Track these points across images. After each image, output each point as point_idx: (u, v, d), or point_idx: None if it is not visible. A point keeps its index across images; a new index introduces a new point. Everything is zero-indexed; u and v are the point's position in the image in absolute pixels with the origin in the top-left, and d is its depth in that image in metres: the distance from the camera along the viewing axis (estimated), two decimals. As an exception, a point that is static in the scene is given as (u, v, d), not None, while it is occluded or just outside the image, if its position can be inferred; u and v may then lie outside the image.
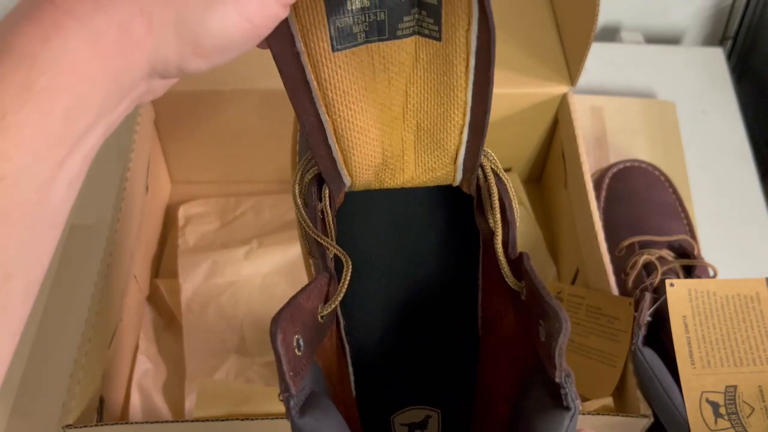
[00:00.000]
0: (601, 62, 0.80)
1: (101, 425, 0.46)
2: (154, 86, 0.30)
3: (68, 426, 0.45)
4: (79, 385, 0.47)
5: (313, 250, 0.36)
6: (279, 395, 0.28)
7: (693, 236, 0.63)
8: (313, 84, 0.31)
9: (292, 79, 0.31)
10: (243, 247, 0.64)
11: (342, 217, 0.38)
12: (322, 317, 0.33)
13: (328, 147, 0.33)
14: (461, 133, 0.34)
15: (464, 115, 0.33)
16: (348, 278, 0.33)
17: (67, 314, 0.59)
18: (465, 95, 0.33)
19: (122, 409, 0.56)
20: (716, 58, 0.83)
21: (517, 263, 0.34)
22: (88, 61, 0.26)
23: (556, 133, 0.65)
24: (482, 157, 0.35)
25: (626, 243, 0.60)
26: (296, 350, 0.29)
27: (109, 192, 0.56)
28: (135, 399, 0.56)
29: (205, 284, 0.62)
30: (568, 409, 0.29)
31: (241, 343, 0.60)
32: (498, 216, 0.35)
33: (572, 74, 0.61)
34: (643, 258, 0.57)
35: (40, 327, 0.58)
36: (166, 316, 0.63)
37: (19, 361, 0.57)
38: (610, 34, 0.90)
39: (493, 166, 0.36)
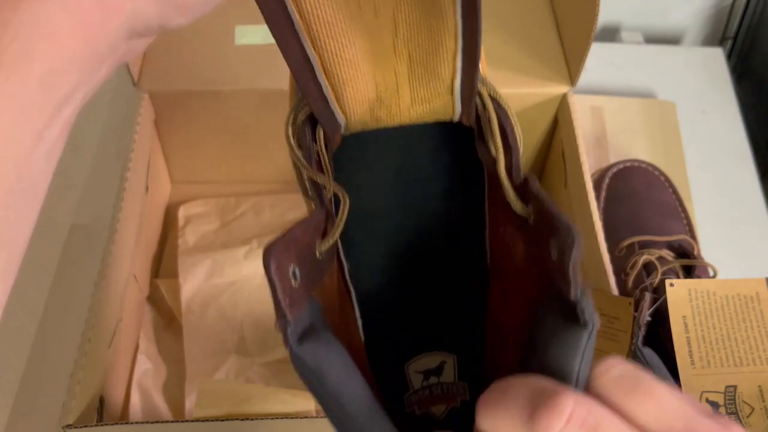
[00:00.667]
0: (601, 62, 0.80)
1: (101, 425, 0.46)
2: (133, 46, 0.29)
3: (68, 426, 0.45)
4: (79, 385, 0.47)
5: (310, 192, 0.34)
6: (275, 325, 0.27)
7: (693, 236, 0.63)
8: (295, 17, 0.30)
9: (272, 14, 0.30)
10: (243, 247, 0.64)
11: (339, 165, 0.37)
12: (320, 254, 0.31)
13: (318, 85, 0.32)
14: (455, 59, 0.32)
15: (456, 40, 0.32)
16: (345, 213, 0.32)
17: (67, 314, 0.59)
18: (455, 19, 0.31)
19: (122, 409, 0.56)
20: (716, 58, 0.83)
21: (523, 188, 0.32)
22: (65, 27, 0.25)
23: (556, 133, 0.65)
24: (479, 84, 0.34)
25: (626, 243, 0.60)
26: (292, 280, 0.28)
27: (109, 192, 0.56)
28: (135, 399, 0.56)
29: (205, 284, 0.62)
30: (585, 326, 0.27)
31: (241, 343, 0.60)
32: (499, 141, 0.33)
33: (572, 74, 0.61)
34: (643, 258, 0.57)
35: (40, 327, 0.58)
36: (166, 316, 0.63)
37: (19, 361, 0.56)
38: (610, 34, 0.90)
39: (490, 93, 0.34)
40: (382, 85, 0.33)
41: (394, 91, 0.34)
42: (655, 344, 0.50)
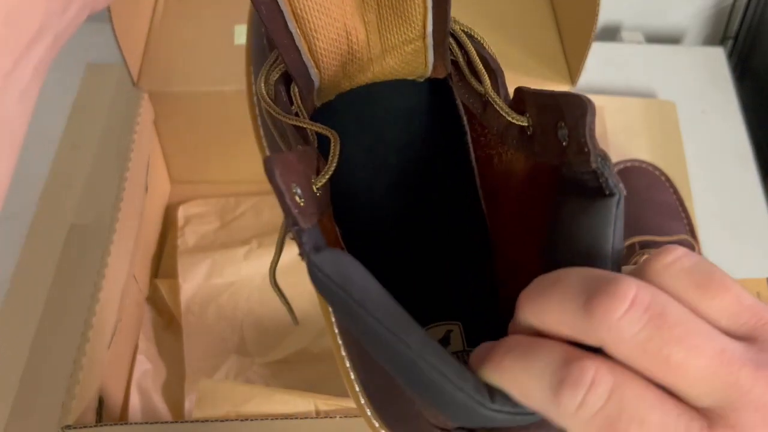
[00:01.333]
0: (601, 62, 0.80)
1: (101, 426, 0.46)
2: None
3: (67, 426, 0.45)
4: (78, 385, 0.46)
5: (290, 143, 0.32)
6: (288, 231, 0.25)
7: (693, 236, 0.63)
8: None
9: None
10: (243, 247, 0.64)
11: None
12: (317, 189, 0.30)
13: (290, 33, 0.31)
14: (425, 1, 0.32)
15: None
16: (337, 151, 0.31)
17: (67, 314, 0.59)
18: None
19: (122, 409, 0.55)
20: (717, 57, 0.83)
21: (516, 102, 0.32)
22: None
23: (557, 133, 0.65)
24: (452, 23, 0.33)
25: (626, 243, 0.59)
26: (297, 198, 0.26)
27: (109, 192, 0.56)
28: (134, 399, 0.56)
29: (205, 284, 0.62)
30: (611, 194, 0.26)
31: (241, 343, 0.60)
32: (482, 67, 0.33)
33: (572, 74, 0.61)
34: (644, 258, 0.56)
35: (39, 327, 0.58)
36: (166, 317, 0.63)
37: (19, 362, 0.56)
38: (611, 34, 0.90)
39: (462, 29, 0.34)
40: (354, 35, 0.32)
41: (365, 43, 0.33)
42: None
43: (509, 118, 0.31)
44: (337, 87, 0.34)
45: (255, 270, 0.63)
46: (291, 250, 0.59)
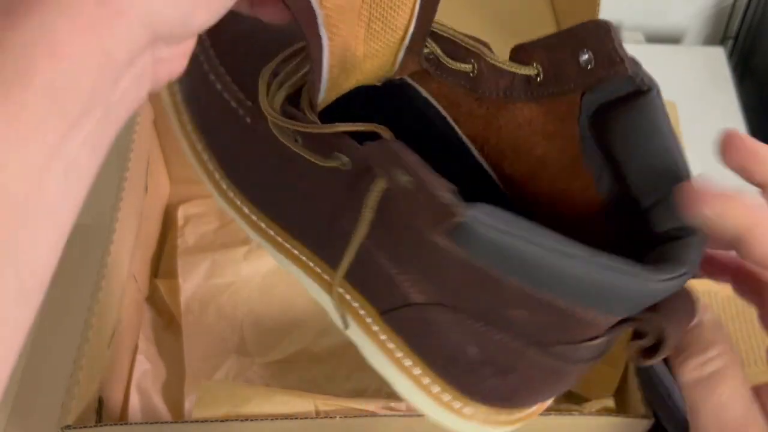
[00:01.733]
0: (601, 62, 0.79)
1: (100, 426, 0.46)
2: (164, 56, 0.28)
3: (67, 427, 0.45)
4: (78, 385, 0.46)
5: (325, 151, 0.33)
6: (438, 194, 0.26)
7: (694, 236, 0.63)
8: (318, 10, 0.30)
9: (302, 13, 0.30)
10: (243, 247, 0.64)
11: None
12: None
13: (321, 67, 0.33)
14: (413, 8, 0.33)
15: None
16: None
17: (66, 314, 0.59)
18: None
19: (121, 409, 0.55)
20: (717, 57, 0.82)
21: (515, 58, 0.33)
22: (66, 33, 0.23)
23: (557, 133, 0.65)
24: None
25: (627, 243, 0.59)
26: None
27: (108, 192, 0.56)
28: (134, 400, 0.56)
29: (205, 284, 0.62)
30: (650, 89, 0.29)
31: (241, 343, 0.60)
32: (471, 41, 0.34)
33: (573, 74, 0.61)
34: None
35: (38, 327, 0.58)
36: (166, 317, 0.63)
37: (18, 362, 0.56)
38: (611, 34, 0.90)
39: (440, 23, 0.35)
40: (349, 52, 0.34)
41: (353, 54, 0.34)
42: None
43: (516, 71, 0.33)
44: (324, 102, 0.35)
45: (255, 270, 0.63)
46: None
